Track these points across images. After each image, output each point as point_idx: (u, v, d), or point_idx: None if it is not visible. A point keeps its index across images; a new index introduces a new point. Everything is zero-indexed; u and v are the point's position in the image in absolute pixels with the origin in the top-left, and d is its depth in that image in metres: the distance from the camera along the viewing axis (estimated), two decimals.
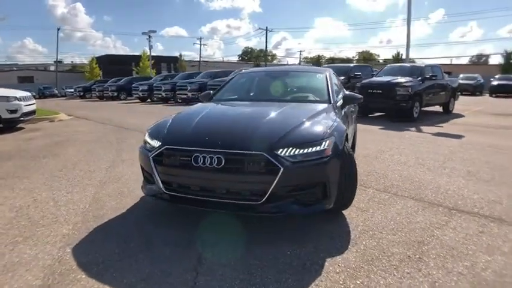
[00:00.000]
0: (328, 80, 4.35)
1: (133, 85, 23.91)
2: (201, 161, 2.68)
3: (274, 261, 2.50)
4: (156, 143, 3.05)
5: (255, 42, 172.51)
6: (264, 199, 2.61)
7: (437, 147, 6.73)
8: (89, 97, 30.74)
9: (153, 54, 44.60)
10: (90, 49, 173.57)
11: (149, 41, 41.45)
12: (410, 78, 11.35)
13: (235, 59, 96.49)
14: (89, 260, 2.56)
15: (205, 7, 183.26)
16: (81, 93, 31.69)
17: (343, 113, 4.01)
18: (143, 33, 41.61)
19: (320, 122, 3.15)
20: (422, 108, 11.66)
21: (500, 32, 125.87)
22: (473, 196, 3.92)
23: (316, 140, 2.78)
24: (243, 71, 5.38)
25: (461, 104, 15.64)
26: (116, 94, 26.46)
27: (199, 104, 4.26)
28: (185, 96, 19.73)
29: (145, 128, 3.62)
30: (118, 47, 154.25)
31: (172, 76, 24.82)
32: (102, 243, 2.84)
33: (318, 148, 2.73)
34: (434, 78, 11.77)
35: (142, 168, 3.34)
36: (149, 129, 3.40)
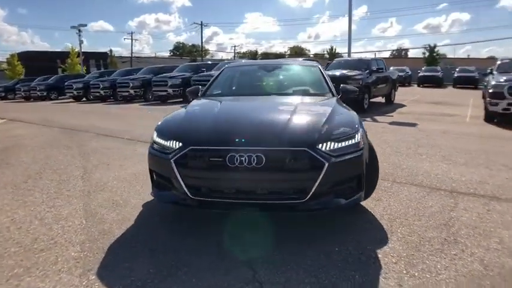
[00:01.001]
0: (323, 72, 4.38)
1: (66, 83, 21.95)
2: (238, 161, 2.51)
3: (329, 259, 2.45)
4: (174, 144, 2.79)
5: (186, 37, 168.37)
6: (308, 196, 2.53)
7: (402, 136, 7.17)
8: (11, 98, 27.54)
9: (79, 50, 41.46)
10: (3, 45, 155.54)
11: (79, 35, 38.29)
12: (360, 72, 11.93)
13: (166, 54, 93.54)
14: (125, 286, 2.24)
15: (132, 0, 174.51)
16: (3, 94, 28.28)
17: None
18: (72, 27, 38.26)
19: (344, 115, 3.15)
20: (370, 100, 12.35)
21: (416, 28, 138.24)
22: (462, 179, 4.23)
23: (350, 133, 2.77)
24: (229, 65, 5.18)
25: (397, 94, 16.83)
26: (45, 94, 24.03)
27: (198, 101, 3.98)
28: (127, 93, 18.69)
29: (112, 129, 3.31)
30: (36, 43, 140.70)
31: (109, 73, 23.27)
32: (129, 263, 2.51)
33: (353, 141, 2.73)
34: (380, 71, 12.51)
35: (154, 173, 3.04)
36: (158, 129, 3.11)
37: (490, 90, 8.50)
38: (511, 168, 4.70)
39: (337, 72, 12.22)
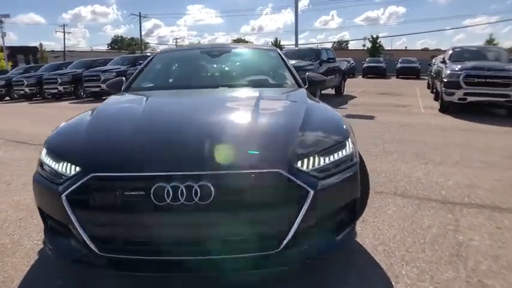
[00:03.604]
0: (284, 58, 3.49)
1: None
2: (170, 196, 1.55)
3: None
4: (68, 168, 1.76)
5: (125, 30, 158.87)
6: (284, 244, 1.64)
7: (363, 131, 6.53)
8: None
9: (6, 44, 37.08)
10: None
11: (1, 27, 34.00)
12: (310, 62, 11.33)
13: (104, 48, 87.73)
14: None
15: None
16: None
17: None
18: None
19: (325, 113, 2.30)
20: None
21: (356, 20, 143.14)
22: (448, 183, 3.62)
23: (339, 140, 1.91)
24: (163, 49, 4.11)
25: (345, 85, 16.61)
26: None
27: (116, 99, 2.91)
28: (55, 90, 16.60)
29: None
30: None
31: (36, 68, 20.67)
32: None
33: (345, 152, 1.88)
34: (331, 61, 12.02)
35: (43, 214, 1.98)
36: (49, 143, 2.05)
37: (445, 80, 8.24)
38: (490, 165, 4.22)
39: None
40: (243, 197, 1.61)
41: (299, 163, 1.69)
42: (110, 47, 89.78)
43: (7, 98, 19.01)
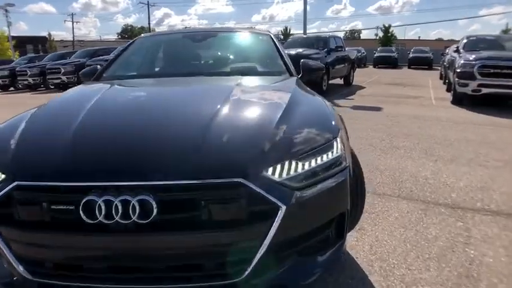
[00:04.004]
0: (277, 43, 3.12)
1: None
2: (103, 212, 1.24)
3: None
4: None
5: (135, 19, 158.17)
6: (249, 270, 1.32)
7: (369, 123, 6.18)
8: None
9: (16, 34, 37.15)
10: None
11: (7, 16, 33.97)
12: (317, 50, 10.87)
13: (114, 37, 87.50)
14: None
15: None
16: None
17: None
18: None
19: (312, 106, 1.95)
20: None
21: (369, 10, 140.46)
22: (459, 184, 3.25)
23: (327, 140, 1.57)
24: (145, 34, 3.79)
25: (354, 75, 16.08)
26: None
27: (79, 88, 2.58)
28: (59, 80, 16.40)
29: None
30: None
31: (40, 58, 20.51)
32: None
33: (332, 154, 1.53)
34: (339, 49, 11.54)
35: None
36: None
37: (458, 70, 7.73)
38: (507, 164, 3.82)
39: (293, 51, 10.97)
40: (195, 214, 1.29)
41: (269, 170, 1.36)
42: (119, 36, 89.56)
43: (11, 88, 18.90)
